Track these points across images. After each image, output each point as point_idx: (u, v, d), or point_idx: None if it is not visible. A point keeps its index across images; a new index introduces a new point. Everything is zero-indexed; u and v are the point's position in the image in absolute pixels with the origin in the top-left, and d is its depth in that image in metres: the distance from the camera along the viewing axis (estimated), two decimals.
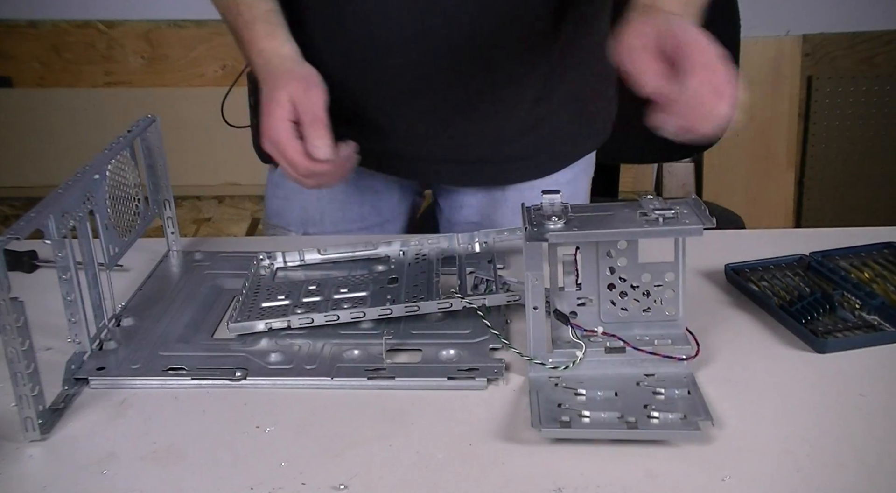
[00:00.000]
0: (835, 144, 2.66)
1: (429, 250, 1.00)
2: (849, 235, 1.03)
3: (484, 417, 0.76)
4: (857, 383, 0.79)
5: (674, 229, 0.76)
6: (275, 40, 0.98)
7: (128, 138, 0.94)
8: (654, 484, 0.68)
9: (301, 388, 0.81)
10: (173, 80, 2.80)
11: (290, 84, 0.93)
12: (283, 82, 0.93)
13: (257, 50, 0.97)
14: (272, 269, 1.01)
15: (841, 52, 2.59)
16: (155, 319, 0.92)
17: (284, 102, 0.92)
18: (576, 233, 0.76)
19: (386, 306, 0.87)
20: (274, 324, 0.88)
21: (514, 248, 1.01)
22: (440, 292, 0.90)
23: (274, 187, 1.22)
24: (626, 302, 0.82)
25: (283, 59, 0.97)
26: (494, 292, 0.90)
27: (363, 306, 0.89)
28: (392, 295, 0.91)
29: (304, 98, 0.92)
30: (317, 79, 0.95)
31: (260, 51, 0.97)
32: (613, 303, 0.82)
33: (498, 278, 0.92)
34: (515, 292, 0.88)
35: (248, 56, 1.00)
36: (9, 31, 2.75)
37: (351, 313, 0.87)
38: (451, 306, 0.87)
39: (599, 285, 0.82)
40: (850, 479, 0.68)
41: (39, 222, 0.76)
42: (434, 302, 0.87)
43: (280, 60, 0.97)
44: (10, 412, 0.77)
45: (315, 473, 0.70)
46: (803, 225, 2.69)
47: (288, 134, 0.92)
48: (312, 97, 0.92)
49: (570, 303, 0.82)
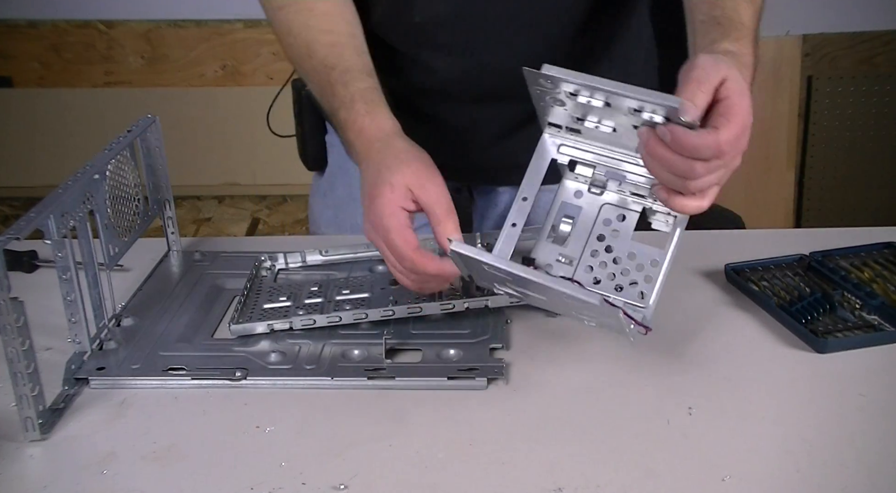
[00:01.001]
0: (835, 144, 2.66)
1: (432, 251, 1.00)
2: (849, 235, 1.03)
3: (484, 417, 0.76)
4: (857, 383, 0.79)
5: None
6: (375, 117, 0.90)
7: (128, 138, 0.94)
8: (654, 484, 0.68)
9: (301, 388, 0.81)
10: (173, 81, 2.80)
11: (407, 168, 0.83)
12: (398, 165, 0.84)
13: (357, 129, 0.89)
14: (274, 270, 1.01)
15: (841, 52, 2.59)
16: (155, 319, 0.92)
17: (400, 186, 0.82)
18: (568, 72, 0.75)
19: (388, 308, 0.87)
20: (275, 325, 0.88)
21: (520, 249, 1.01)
22: (442, 294, 0.90)
23: (322, 196, 1.22)
24: (601, 272, 0.81)
25: (388, 137, 0.88)
26: (497, 293, 0.89)
27: (365, 308, 0.89)
28: (394, 296, 0.91)
29: (430, 187, 0.82)
30: (433, 165, 0.85)
31: (360, 130, 0.89)
32: (591, 268, 0.81)
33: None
34: (517, 295, 0.88)
35: (347, 138, 0.92)
36: (9, 31, 2.75)
37: (353, 315, 0.87)
38: (453, 307, 0.87)
39: (585, 247, 0.82)
40: (850, 479, 0.68)
41: (39, 222, 0.76)
42: (436, 304, 0.87)
43: (386, 139, 0.88)
44: (10, 412, 0.77)
45: (315, 473, 0.70)
46: (803, 225, 2.69)
47: (400, 223, 0.81)
48: (438, 187, 0.83)
49: (548, 255, 0.82)
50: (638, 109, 0.72)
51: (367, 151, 0.87)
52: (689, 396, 0.78)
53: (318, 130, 1.20)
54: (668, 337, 0.87)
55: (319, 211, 1.23)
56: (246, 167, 2.84)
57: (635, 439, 0.73)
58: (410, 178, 0.82)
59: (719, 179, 0.74)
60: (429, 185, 0.82)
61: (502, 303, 0.88)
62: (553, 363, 0.83)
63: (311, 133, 1.20)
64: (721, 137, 0.70)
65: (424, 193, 0.82)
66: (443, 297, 0.89)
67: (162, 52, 2.77)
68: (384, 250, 0.83)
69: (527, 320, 0.89)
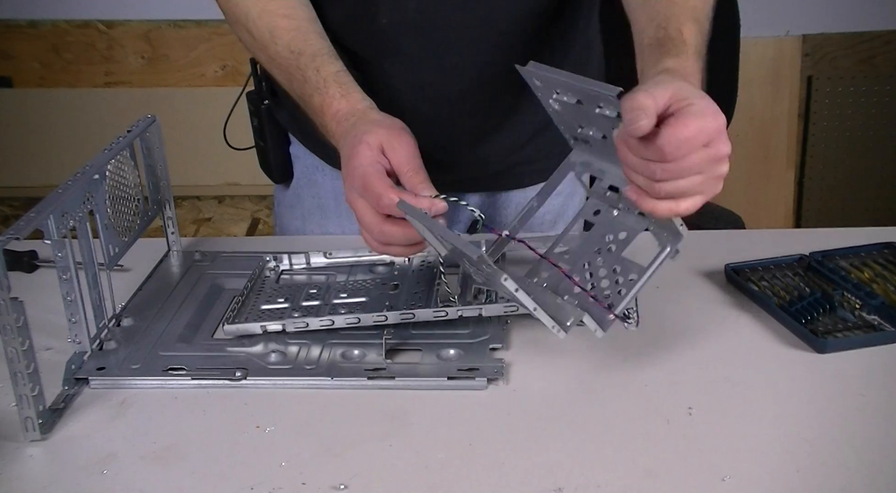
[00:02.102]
0: (835, 144, 2.66)
1: (434, 256, 1.00)
2: (849, 235, 1.03)
3: (484, 417, 0.76)
4: (857, 383, 0.79)
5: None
6: (350, 99, 0.90)
7: (128, 138, 0.94)
8: (654, 484, 0.68)
9: (301, 388, 0.81)
10: (173, 80, 2.80)
11: (378, 131, 0.85)
12: (371, 128, 0.86)
13: (332, 112, 0.90)
14: (277, 271, 1.01)
15: (841, 52, 2.59)
16: (155, 319, 0.92)
17: (375, 145, 0.84)
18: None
19: (381, 313, 0.87)
20: (269, 327, 0.87)
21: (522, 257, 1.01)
22: (438, 300, 0.89)
23: (289, 208, 1.21)
24: (579, 272, 0.82)
25: (363, 114, 0.89)
26: (494, 301, 0.89)
27: (360, 312, 0.88)
28: (391, 301, 0.91)
29: (399, 148, 0.84)
30: (406, 129, 0.87)
31: (335, 112, 0.90)
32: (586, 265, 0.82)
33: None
34: (513, 304, 0.87)
35: (322, 122, 0.92)
36: (9, 31, 2.75)
37: (346, 319, 0.87)
38: (446, 315, 0.86)
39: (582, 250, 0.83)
40: (850, 479, 0.68)
41: (39, 222, 0.76)
42: (430, 310, 0.86)
43: (360, 115, 0.89)
44: (10, 412, 0.77)
45: (315, 473, 0.70)
46: (803, 225, 2.69)
47: (378, 171, 0.82)
48: (406, 146, 0.84)
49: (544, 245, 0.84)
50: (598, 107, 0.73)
51: (344, 131, 0.89)
52: (689, 396, 0.78)
53: (281, 143, 1.19)
54: (669, 337, 0.87)
55: (287, 222, 1.22)
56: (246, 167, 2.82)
57: (635, 439, 0.73)
58: (383, 137, 0.84)
59: (697, 187, 0.71)
60: (398, 146, 0.84)
61: (496, 312, 0.87)
62: (553, 364, 0.83)
63: (273, 146, 1.19)
64: (661, 137, 0.68)
65: (394, 154, 0.84)
66: (438, 303, 0.88)
67: (162, 52, 2.77)
68: (361, 206, 0.83)
69: (526, 321, 0.89)
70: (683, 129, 0.68)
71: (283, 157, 1.20)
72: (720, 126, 0.70)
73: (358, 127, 0.87)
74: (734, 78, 1.73)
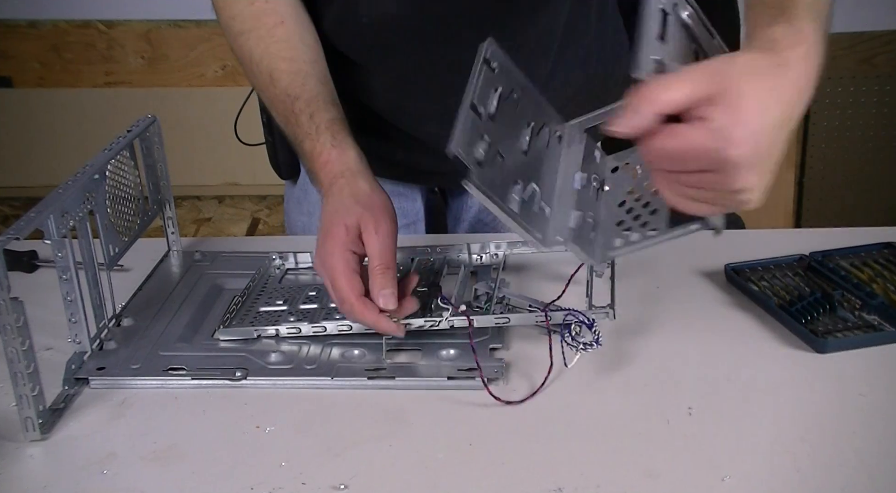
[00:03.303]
0: (835, 144, 2.66)
1: (436, 259, 1.00)
2: (849, 235, 1.03)
3: (484, 417, 0.76)
4: (857, 383, 0.79)
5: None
6: (344, 153, 0.89)
7: (128, 138, 0.94)
8: (654, 484, 0.68)
9: (301, 388, 0.81)
10: (173, 81, 2.80)
11: (361, 213, 0.83)
12: (352, 207, 0.84)
13: (322, 161, 0.89)
14: (283, 270, 1.01)
15: (841, 53, 2.59)
16: (155, 319, 0.92)
17: (352, 229, 0.82)
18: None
19: None
20: (263, 332, 0.87)
21: (527, 262, 1.01)
22: (431, 307, 0.88)
23: (297, 204, 1.22)
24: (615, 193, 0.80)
25: (352, 174, 0.87)
26: (488, 311, 0.87)
27: None
28: None
29: (376, 237, 0.82)
30: (390, 209, 0.86)
31: (325, 162, 0.89)
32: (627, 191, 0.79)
33: (496, 293, 0.90)
34: (506, 315, 0.85)
35: (311, 168, 0.91)
36: (9, 31, 2.75)
37: (338, 325, 0.86)
38: (438, 324, 0.85)
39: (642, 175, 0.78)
40: (849, 479, 0.68)
41: (39, 222, 0.76)
42: (421, 319, 0.85)
43: (350, 175, 0.87)
44: (10, 411, 0.77)
45: (315, 473, 0.70)
46: (803, 225, 2.69)
47: (348, 267, 0.81)
48: (386, 238, 0.82)
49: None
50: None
51: (330, 186, 0.87)
52: (689, 396, 0.78)
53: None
54: (669, 337, 0.87)
55: (295, 218, 1.23)
56: (246, 167, 2.83)
57: (635, 439, 0.73)
58: (362, 221, 0.83)
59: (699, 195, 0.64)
60: (375, 237, 0.82)
61: (488, 323, 0.85)
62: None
63: (282, 142, 1.18)
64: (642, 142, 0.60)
65: (369, 242, 0.82)
66: (432, 312, 0.88)
67: (162, 52, 2.77)
68: (328, 287, 0.83)
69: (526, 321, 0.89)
70: (663, 141, 0.60)
71: (291, 153, 1.20)
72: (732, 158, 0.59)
73: (343, 199, 0.85)
74: None
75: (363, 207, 0.84)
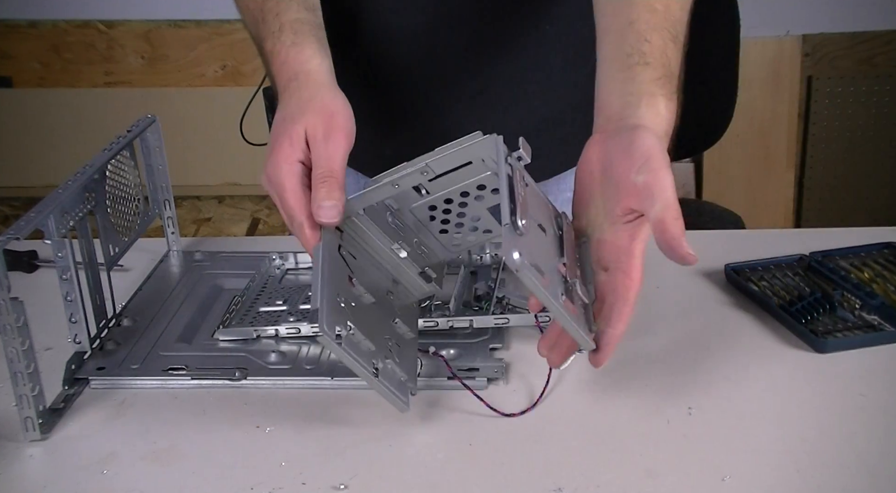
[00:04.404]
0: (835, 144, 2.66)
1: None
2: (849, 235, 1.03)
3: (484, 417, 0.76)
4: (857, 383, 0.79)
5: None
6: (302, 52, 0.80)
7: (128, 138, 0.94)
8: (654, 484, 0.68)
9: (301, 388, 0.81)
10: (173, 81, 2.80)
11: (311, 118, 0.75)
12: (303, 112, 0.75)
13: (280, 60, 0.80)
14: (283, 270, 1.01)
15: (841, 52, 2.60)
16: (155, 319, 0.92)
17: (298, 139, 0.74)
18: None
19: None
20: (263, 332, 0.87)
21: None
22: (431, 309, 0.88)
23: None
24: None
25: (308, 77, 0.79)
26: (487, 311, 0.87)
27: None
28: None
29: (323, 144, 0.74)
30: (344, 117, 0.76)
31: (283, 62, 0.80)
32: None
33: (496, 293, 0.90)
34: (506, 315, 0.86)
35: (270, 71, 0.83)
36: (9, 31, 2.75)
37: None
38: (437, 325, 0.85)
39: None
40: (850, 479, 0.68)
41: (39, 222, 0.76)
42: (421, 320, 0.85)
43: (305, 78, 0.79)
44: (10, 411, 0.77)
45: (315, 473, 0.70)
46: (803, 225, 2.69)
47: (294, 179, 0.74)
48: (332, 145, 0.74)
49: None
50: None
51: (285, 87, 0.79)
52: (689, 396, 0.78)
53: None
54: (668, 337, 0.87)
55: None
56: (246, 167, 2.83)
57: (635, 439, 0.73)
58: (312, 130, 0.75)
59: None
60: (322, 144, 0.74)
61: (487, 324, 0.86)
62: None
63: None
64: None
65: (315, 152, 0.74)
66: (432, 312, 0.87)
67: (162, 52, 2.77)
68: (278, 204, 0.77)
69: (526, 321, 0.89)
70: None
71: None
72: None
73: (293, 104, 0.77)
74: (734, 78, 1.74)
75: (314, 113, 0.75)
